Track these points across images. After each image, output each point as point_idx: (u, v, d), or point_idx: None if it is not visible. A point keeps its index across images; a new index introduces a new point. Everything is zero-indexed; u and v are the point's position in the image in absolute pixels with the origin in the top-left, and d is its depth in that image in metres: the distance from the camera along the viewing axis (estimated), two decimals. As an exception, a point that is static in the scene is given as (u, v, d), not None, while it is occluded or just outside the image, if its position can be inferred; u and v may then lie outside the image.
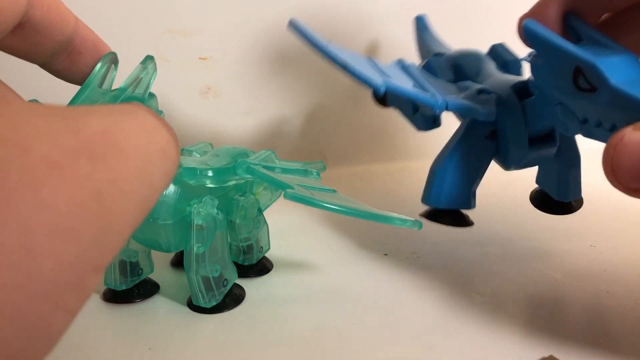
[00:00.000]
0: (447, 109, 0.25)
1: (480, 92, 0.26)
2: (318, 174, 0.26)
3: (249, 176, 0.24)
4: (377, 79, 0.24)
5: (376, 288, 0.27)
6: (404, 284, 0.27)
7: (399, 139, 0.48)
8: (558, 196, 0.28)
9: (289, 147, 0.46)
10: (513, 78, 0.27)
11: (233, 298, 0.25)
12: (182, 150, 0.28)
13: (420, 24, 0.38)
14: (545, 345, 0.22)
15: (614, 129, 0.20)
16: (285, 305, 0.26)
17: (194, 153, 0.28)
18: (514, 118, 0.25)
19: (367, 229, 0.34)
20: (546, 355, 0.21)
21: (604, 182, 0.18)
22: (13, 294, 0.10)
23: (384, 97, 0.32)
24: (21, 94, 0.19)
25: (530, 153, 0.26)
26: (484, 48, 0.31)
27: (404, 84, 0.26)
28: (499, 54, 0.29)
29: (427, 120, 0.30)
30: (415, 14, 0.39)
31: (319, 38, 0.25)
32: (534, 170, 0.29)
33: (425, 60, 0.31)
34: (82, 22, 0.21)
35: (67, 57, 0.21)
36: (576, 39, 0.24)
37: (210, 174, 0.23)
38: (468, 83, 0.28)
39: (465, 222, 0.27)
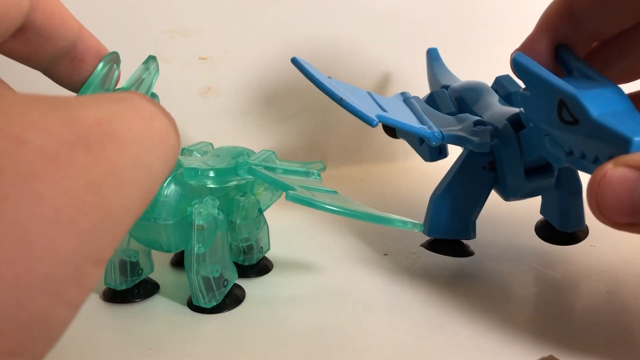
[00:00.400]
0: (442, 140, 0.26)
1: (477, 124, 0.27)
2: (319, 174, 0.26)
3: (250, 177, 0.24)
4: (371, 113, 0.24)
5: (376, 288, 0.27)
6: (404, 284, 0.27)
7: (398, 139, 0.48)
8: (560, 226, 0.28)
9: (289, 147, 0.46)
10: (510, 110, 0.27)
11: (233, 298, 0.25)
12: (183, 150, 0.28)
13: (432, 56, 0.40)
14: (545, 345, 0.22)
15: (597, 161, 0.20)
16: (286, 305, 0.26)
17: (195, 153, 0.28)
18: (510, 149, 0.26)
19: (367, 229, 0.34)
20: (546, 355, 0.21)
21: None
22: (12, 288, 0.09)
23: (394, 130, 0.33)
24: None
25: (528, 183, 0.26)
26: (491, 79, 0.31)
27: (403, 116, 0.27)
28: (502, 85, 0.30)
29: (433, 152, 0.30)
30: (425, 47, 0.40)
31: (318, 74, 0.26)
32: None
33: (429, 93, 0.31)
34: (86, 29, 0.21)
35: (70, 63, 0.21)
36: (567, 71, 0.24)
37: (211, 174, 0.23)
38: (466, 115, 0.28)
39: (465, 252, 0.28)
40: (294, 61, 0.26)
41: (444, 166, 0.29)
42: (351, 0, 0.45)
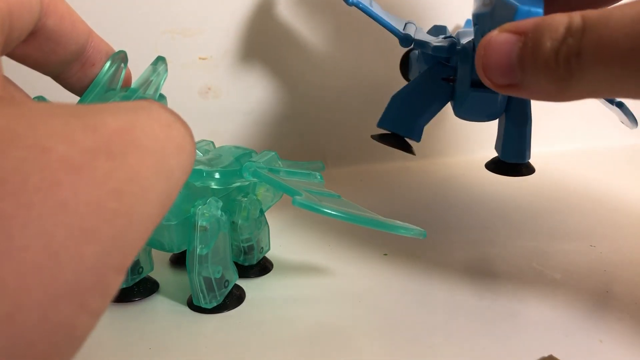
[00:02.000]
0: (410, 43, 0.29)
1: (445, 37, 0.30)
2: (322, 177, 0.26)
3: (254, 179, 0.24)
4: None
5: (376, 288, 0.27)
6: (404, 284, 0.27)
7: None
8: (502, 155, 0.29)
9: (289, 147, 0.46)
10: None
11: (233, 299, 0.25)
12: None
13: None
14: (545, 345, 0.22)
15: None
16: (285, 305, 0.26)
17: (196, 152, 0.28)
18: (464, 61, 0.28)
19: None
20: (546, 355, 0.21)
21: (604, 181, 0.18)
22: (37, 296, 0.09)
23: (407, 69, 0.35)
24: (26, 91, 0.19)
25: (471, 93, 0.28)
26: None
27: (389, 18, 0.29)
28: None
29: None
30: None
31: None
32: (535, 171, 0.29)
33: (432, 26, 0.34)
34: (96, 34, 0.21)
35: (80, 68, 0.21)
36: None
37: (217, 176, 0.23)
38: (442, 35, 0.31)
39: (406, 148, 0.30)
40: None
41: (444, 166, 0.29)
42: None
